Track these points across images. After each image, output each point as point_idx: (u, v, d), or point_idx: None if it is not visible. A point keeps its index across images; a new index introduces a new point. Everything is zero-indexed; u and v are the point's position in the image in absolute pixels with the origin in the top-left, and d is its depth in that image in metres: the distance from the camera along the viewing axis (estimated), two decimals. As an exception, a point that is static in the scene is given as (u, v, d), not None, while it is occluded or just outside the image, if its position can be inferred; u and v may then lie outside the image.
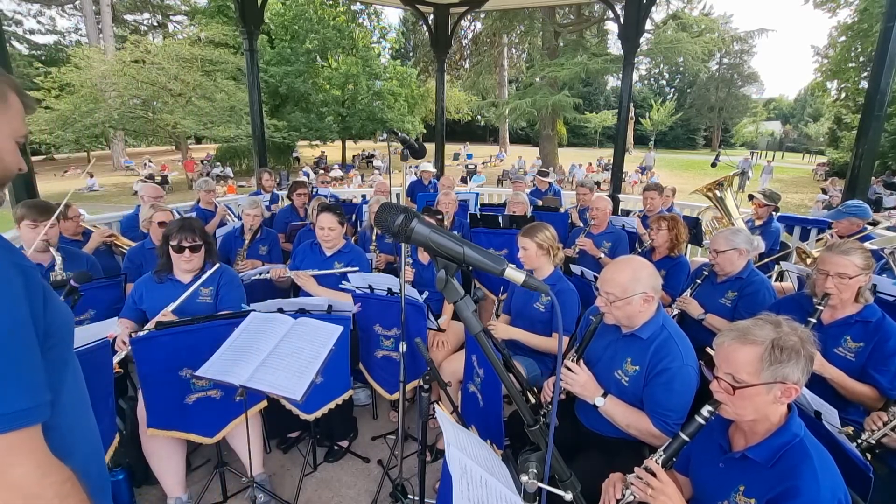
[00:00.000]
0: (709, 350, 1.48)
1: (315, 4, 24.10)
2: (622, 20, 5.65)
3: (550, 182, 6.37)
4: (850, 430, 1.63)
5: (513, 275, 0.86)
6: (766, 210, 4.24)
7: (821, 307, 1.99)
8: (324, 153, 27.08)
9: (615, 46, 22.19)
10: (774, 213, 4.33)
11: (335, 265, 2.97)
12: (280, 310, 2.24)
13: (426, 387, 1.73)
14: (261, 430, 2.42)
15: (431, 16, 6.96)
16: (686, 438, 1.31)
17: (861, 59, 17.73)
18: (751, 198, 4.40)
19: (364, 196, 6.78)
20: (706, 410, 1.29)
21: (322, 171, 16.52)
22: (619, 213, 5.21)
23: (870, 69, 7.83)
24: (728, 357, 1.25)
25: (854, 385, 1.88)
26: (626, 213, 5.10)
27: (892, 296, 2.35)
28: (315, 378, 1.82)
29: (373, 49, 27.13)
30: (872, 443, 1.65)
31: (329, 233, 2.96)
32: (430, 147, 6.37)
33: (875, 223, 4.35)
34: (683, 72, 43.72)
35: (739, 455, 1.26)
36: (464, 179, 19.32)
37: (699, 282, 2.76)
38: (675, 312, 2.70)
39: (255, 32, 5.64)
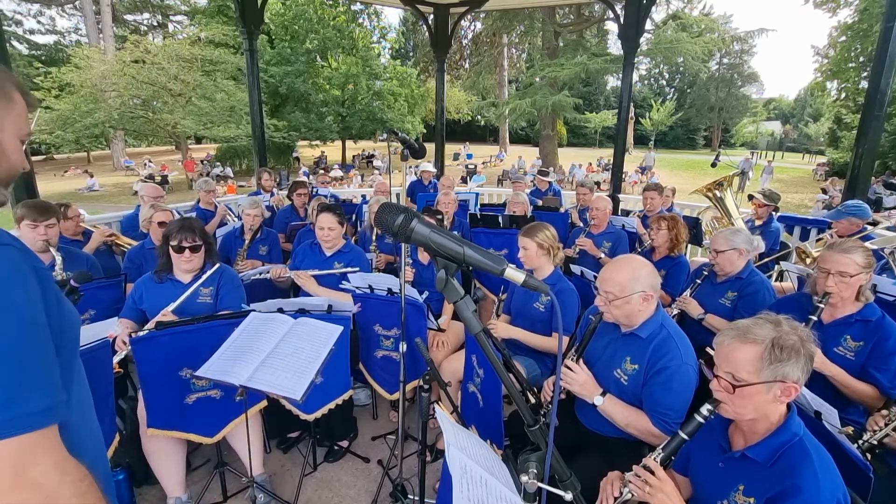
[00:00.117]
0: (709, 350, 1.48)
1: (315, 4, 24.09)
2: (622, 20, 5.65)
3: (550, 182, 6.37)
4: (850, 430, 1.63)
5: (513, 275, 0.86)
6: (766, 210, 4.25)
7: (821, 305, 1.98)
8: (324, 153, 27.07)
9: (615, 46, 22.19)
10: (774, 213, 4.33)
11: (335, 265, 2.96)
12: (280, 310, 2.24)
13: (426, 387, 1.73)
14: (261, 430, 2.42)
15: (431, 16, 6.96)
16: (685, 437, 1.31)
17: (861, 59, 17.72)
18: (750, 198, 4.40)
19: (364, 196, 6.78)
20: (706, 409, 1.29)
21: (322, 171, 16.52)
22: (619, 213, 5.21)
23: (870, 69, 7.83)
24: (728, 356, 1.25)
25: (855, 383, 1.88)
26: (626, 213, 5.09)
27: (892, 296, 2.35)
28: (315, 378, 1.82)
29: (373, 49, 27.12)
30: (874, 443, 1.65)
31: (329, 233, 2.97)
32: (430, 147, 6.37)
33: (875, 223, 4.34)
34: (683, 72, 43.68)
35: (739, 454, 1.26)
36: (464, 179, 19.34)
37: (699, 282, 2.76)
38: (675, 312, 2.70)
39: (255, 32, 5.64)
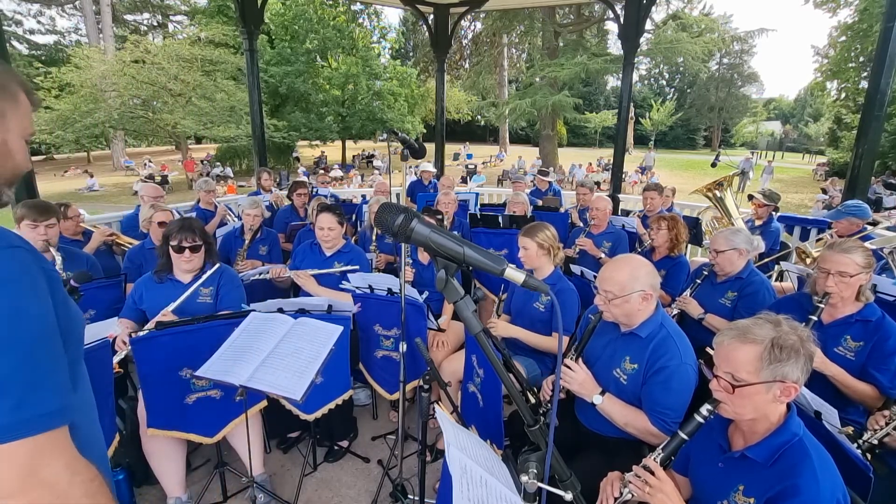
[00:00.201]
0: (708, 350, 1.48)
1: (315, 4, 24.09)
2: (622, 20, 5.65)
3: (550, 182, 6.37)
4: (850, 430, 1.63)
5: (513, 275, 0.86)
6: (766, 210, 4.25)
7: (821, 305, 1.98)
8: (324, 153, 27.06)
9: (615, 46, 22.18)
10: (774, 213, 4.34)
11: (335, 265, 2.96)
12: (280, 310, 2.24)
13: (426, 387, 1.73)
14: (261, 430, 2.42)
15: (431, 16, 6.96)
16: (685, 437, 1.31)
17: (861, 59, 17.71)
18: (750, 198, 4.40)
19: (364, 196, 6.78)
20: (705, 409, 1.29)
21: (322, 171, 16.52)
22: (619, 213, 5.21)
23: (870, 69, 7.83)
24: (727, 356, 1.25)
25: (855, 383, 1.88)
26: (626, 213, 5.09)
27: (892, 296, 2.35)
28: (315, 378, 1.82)
29: (373, 49, 27.11)
30: (874, 443, 1.65)
31: (329, 233, 2.97)
32: (430, 147, 6.37)
33: (875, 223, 4.35)
34: (683, 72, 43.67)
35: (739, 454, 1.26)
36: (464, 179, 19.34)
37: (699, 282, 2.76)
38: (675, 312, 2.70)
39: (255, 32, 5.64)
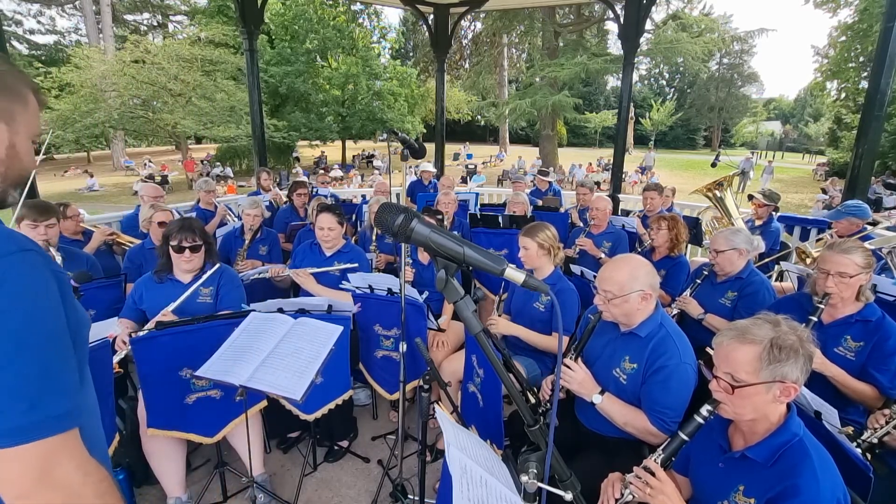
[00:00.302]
0: (708, 350, 1.48)
1: (315, 4, 24.08)
2: (622, 20, 5.65)
3: (550, 182, 6.37)
4: (850, 430, 1.63)
5: (513, 275, 0.86)
6: (766, 210, 4.25)
7: (821, 306, 1.98)
8: (324, 153, 27.06)
9: (615, 46, 22.17)
10: (774, 213, 4.33)
11: (335, 265, 2.97)
12: (280, 310, 2.24)
13: (426, 387, 1.73)
14: (261, 430, 2.42)
15: (431, 16, 6.95)
16: (685, 438, 1.31)
17: (861, 59, 17.72)
18: (750, 198, 4.40)
19: (364, 196, 6.78)
20: (705, 410, 1.29)
21: (322, 171, 16.51)
22: (619, 213, 5.21)
23: (870, 69, 7.83)
24: (727, 356, 1.25)
25: (855, 383, 1.88)
26: (626, 213, 5.09)
27: (892, 296, 2.35)
28: (315, 378, 1.82)
29: (373, 49, 27.10)
30: (874, 442, 1.65)
31: (329, 233, 2.97)
32: (430, 147, 6.37)
33: (875, 223, 4.35)
34: (683, 72, 43.66)
35: (739, 455, 1.26)
36: (464, 179, 19.34)
37: (699, 282, 2.76)
38: (675, 312, 2.71)
39: (255, 32, 5.64)
